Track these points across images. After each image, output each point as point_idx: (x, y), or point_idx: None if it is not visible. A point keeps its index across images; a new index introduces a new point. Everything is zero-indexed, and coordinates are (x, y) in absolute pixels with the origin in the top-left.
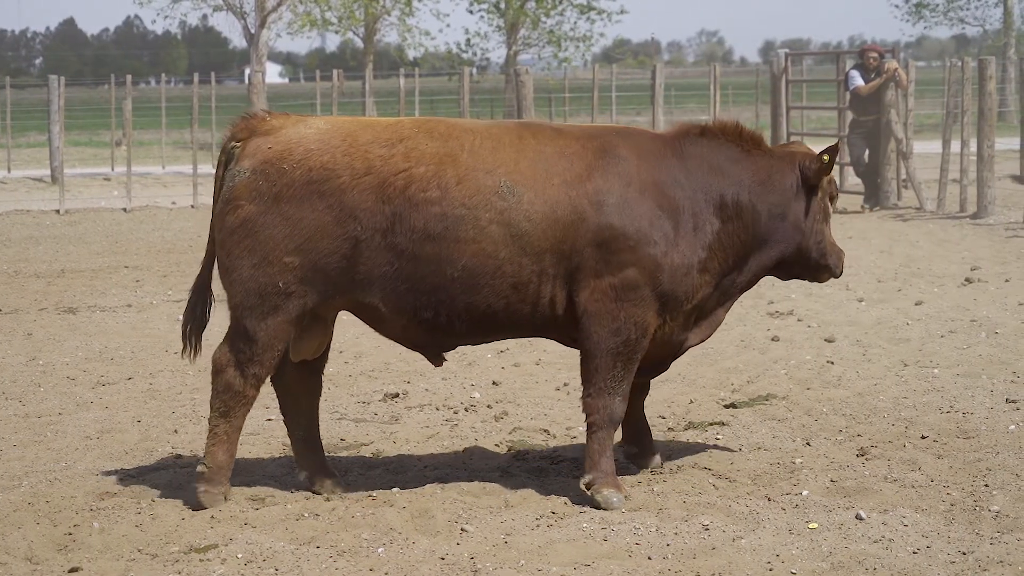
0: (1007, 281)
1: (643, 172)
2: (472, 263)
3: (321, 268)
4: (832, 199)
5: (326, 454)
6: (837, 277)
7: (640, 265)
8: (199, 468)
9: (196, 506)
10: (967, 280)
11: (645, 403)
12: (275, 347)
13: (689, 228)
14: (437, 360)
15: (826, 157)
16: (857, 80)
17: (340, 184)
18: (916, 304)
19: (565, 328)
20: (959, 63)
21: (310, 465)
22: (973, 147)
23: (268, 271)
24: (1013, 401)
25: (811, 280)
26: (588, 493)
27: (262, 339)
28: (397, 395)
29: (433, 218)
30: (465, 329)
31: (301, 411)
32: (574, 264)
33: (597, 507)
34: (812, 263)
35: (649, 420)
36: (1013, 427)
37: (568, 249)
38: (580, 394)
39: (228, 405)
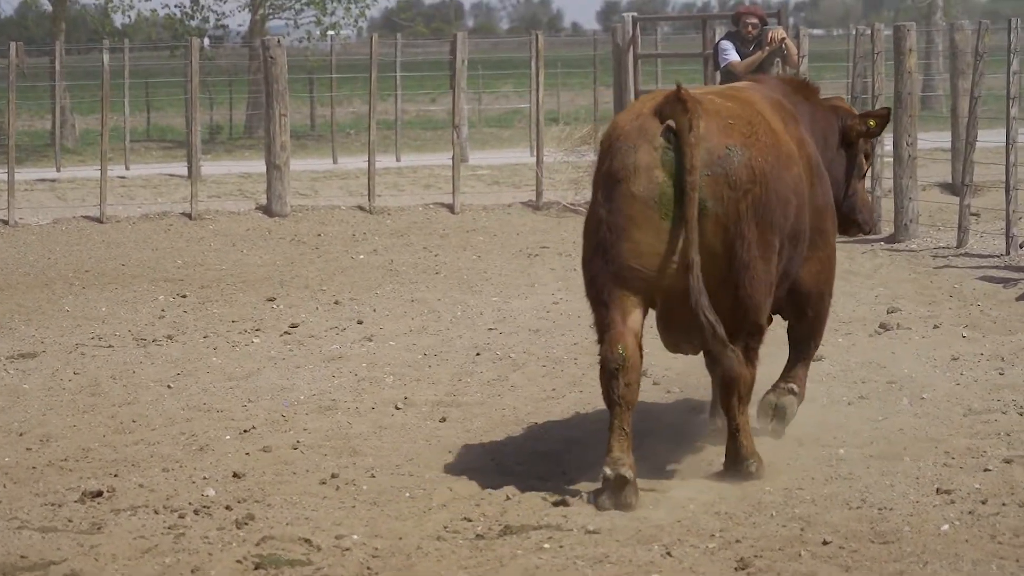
0: (936, 327)
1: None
2: (805, 235)
3: (779, 250)
4: (867, 156)
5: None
6: (867, 233)
7: (833, 228)
8: (751, 468)
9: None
10: (882, 327)
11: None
12: None
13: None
14: None
15: (872, 123)
16: (731, 54)
17: (783, 159)
18: (815, 360)
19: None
20: (868, 31)
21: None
22: (888, 144)
23: (773, 259)
24: (946, 492)
25: (841, 234)
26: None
27: (765, 331)
28: (100, 493)
29: (801, 195)
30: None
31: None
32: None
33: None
34: (842, 217)
35: (451, 523)
36: (946, 527)
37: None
38: (796, 350)
39: (748, 401)
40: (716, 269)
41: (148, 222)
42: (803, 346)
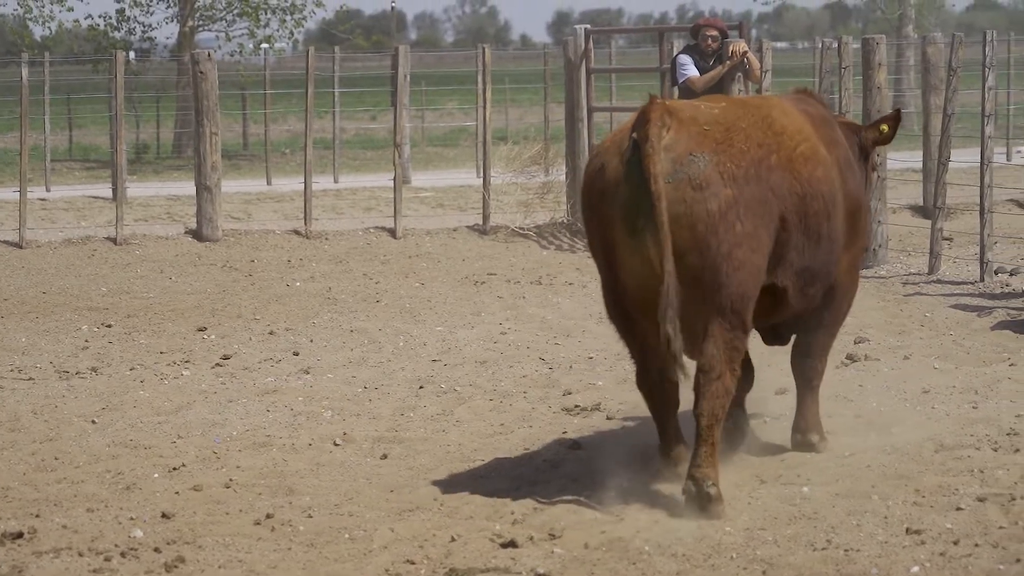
0: (906, 358)
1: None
2: (834, 235)
3: (768, 249)
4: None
5: None
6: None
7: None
8: (709, 491)
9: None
10: (849, 358)
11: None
12: None
13: None
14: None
15: (885, 127)
16: (689, 69)
17: (772, 163)
18: (777, 393)
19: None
20: (835, 44)
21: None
22: None
23: (760, 253)
24: (916, 532)
25: None
26: (814, 447)
27: (749, 329)
28: (21, 535)
29: (823, 196)
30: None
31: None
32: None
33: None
34: None
35: (393, 565)
36: (916, 569)
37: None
38: (800, 360)
39: (724, 408)
40: (689, 266)
41: (71, 247)
42: (810, 369)
